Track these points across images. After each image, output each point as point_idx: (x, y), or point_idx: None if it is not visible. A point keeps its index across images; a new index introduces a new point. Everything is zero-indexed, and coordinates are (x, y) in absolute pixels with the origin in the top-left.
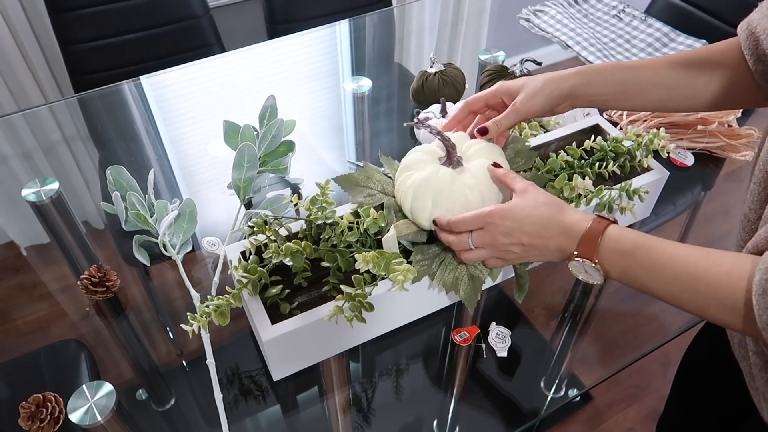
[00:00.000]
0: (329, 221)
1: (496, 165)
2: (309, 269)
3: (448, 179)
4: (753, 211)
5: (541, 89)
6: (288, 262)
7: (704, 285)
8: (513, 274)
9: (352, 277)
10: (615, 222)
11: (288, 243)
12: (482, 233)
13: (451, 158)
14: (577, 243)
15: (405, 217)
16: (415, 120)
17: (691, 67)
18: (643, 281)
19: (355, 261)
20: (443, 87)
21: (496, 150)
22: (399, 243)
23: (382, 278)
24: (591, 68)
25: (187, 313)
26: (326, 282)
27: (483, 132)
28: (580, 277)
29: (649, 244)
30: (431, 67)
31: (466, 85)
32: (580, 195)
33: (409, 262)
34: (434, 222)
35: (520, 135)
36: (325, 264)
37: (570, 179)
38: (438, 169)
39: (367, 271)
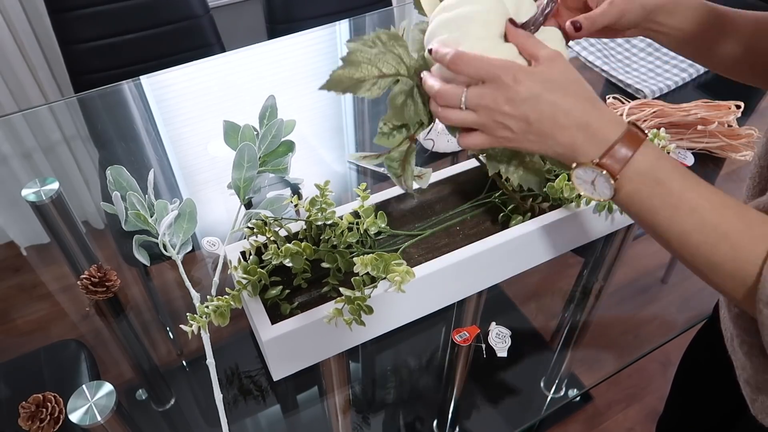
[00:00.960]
0: (329, 222)
1: (513, 22)
2: (309, 270)
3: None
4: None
5: None
6: (288, 263)
7: (723, 235)
8: (513, 273)
9: (352, 279)
10: (647, 136)
11: (288, 244)
12: (483, 90)
13: (542, 12)
14: (601, 150)
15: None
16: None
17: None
18: (657, 214)
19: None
20: None
21: (561, 45)
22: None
23: (383, 278)
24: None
25: (187, 314)
26: (326, 283)
27: (577, 28)
28: (581, 190)
29: (685, 177)
30: None
31: None
32: (579, 195)
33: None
34: (429, 51)
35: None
36: (324, 265)
37: (569, 179)
38: (506, 11)
39: (367, 273)
